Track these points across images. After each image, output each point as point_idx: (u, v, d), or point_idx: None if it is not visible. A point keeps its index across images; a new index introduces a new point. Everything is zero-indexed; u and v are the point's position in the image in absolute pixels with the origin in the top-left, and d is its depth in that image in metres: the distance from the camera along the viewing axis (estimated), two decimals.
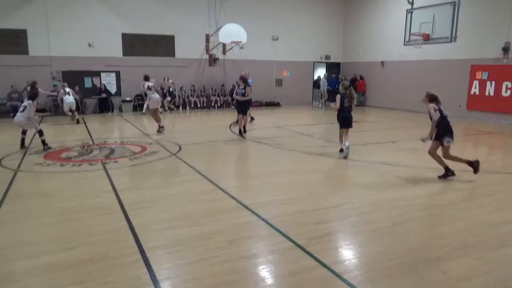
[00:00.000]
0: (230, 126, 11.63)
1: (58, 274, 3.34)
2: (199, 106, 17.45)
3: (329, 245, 3.96)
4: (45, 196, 5.62)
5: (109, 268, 3.44)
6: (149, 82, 11.19)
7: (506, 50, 12.96)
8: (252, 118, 12.33)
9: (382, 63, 18.05)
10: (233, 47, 15.92)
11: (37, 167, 7.09)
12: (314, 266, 3.47)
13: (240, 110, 10.28)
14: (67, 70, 15.26)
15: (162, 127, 10.88)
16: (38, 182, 6.40)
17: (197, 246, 3.85)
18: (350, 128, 7.94)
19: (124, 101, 16.32)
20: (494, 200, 5.37)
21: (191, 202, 5.19)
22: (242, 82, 10.37)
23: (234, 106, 11.38)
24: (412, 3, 14.94)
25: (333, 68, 20.85)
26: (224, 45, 16.71)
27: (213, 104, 17.72)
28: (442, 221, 4.62)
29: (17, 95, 13.88)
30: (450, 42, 13.89)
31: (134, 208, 4.90)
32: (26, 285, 3.23)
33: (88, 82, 15.82)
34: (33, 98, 8.75)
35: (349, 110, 7.83)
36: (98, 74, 15.93)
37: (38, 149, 8.48)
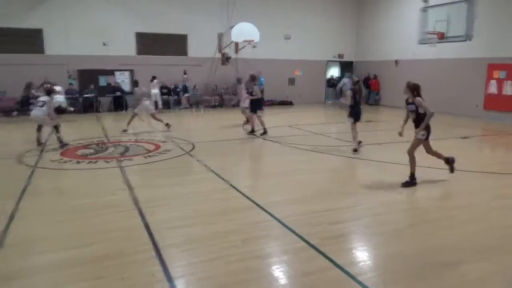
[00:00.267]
0: (243, 125, 11.65)
1: (76, 270, 3.41)
2: (212, 104, 17.52)
3: (343, 245, 3.95)
4: (62, 193, 5.73)
5: (124, 264, 3.49)
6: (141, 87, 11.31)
7: None
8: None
9: (396, 62, 17.84)
10: (245, 46, 15.93)
11: (54, 164, 7.23)
12: (327, 267, 3.46)
13: (250, 109, 10.36)
14: (82, 69, 15.49)
15: (167, 125, 11.01)
16: (55, 179, 6.52)
17: (211, 244, 3.88)
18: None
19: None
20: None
21: (205, 201, 5.22)
22: (249, 81, 10.44)
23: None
24: (426, 1, 14.73)
25: (346, 67, 20.70)
26: (236, 44, 16.72)
27: (225, 102, 17.78)
28: (459, 223, 4.55)
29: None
30: (466, 40, 13.65)
31: (148, 205, 4.96)
32: (44, 279, 3.31)
33: (102, 81, 16.02)
34: (48, 93, 8.80)
35: (361, 104, 8.23)
36: (112, 72, 16.12)
37: (55, 146, 8.63)
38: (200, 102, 17.38)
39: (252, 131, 10.37)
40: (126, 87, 16.37)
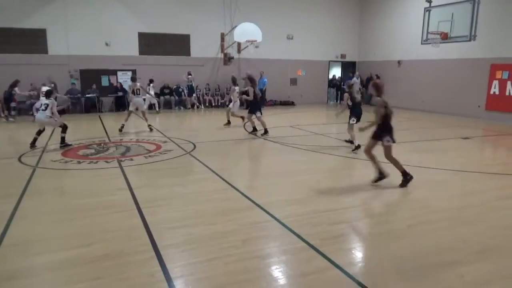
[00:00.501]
0: (244, 125, 11.66)
1: (75, 270, 3.41)
2: (214, 104, 17.54)
3: (342, 246, 3.94)
4: (62, 192, 5.74)
5: (124, 265, 3.49)
6: (136, 83, 11.27)
7: None
8: (241, 118, 11.92)
9: (399, 62, 17.79)
10: (248, 46, 15.94)
11: (55, 164, 7.25)
12: (327, 267, 3.45)
13: (248, 110, 10.43)
14: (85, 68, 15.54)
15: (150, 126, 11.19)
16: (56, 179, 6.53)
17: (210, 244, 3.88)
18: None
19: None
20: None
21: (205, 201, 5.22)
22: (246, 82, 10.50)
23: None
24: (430, 1, 14.66)
25: (349, 67, 20.67)
26: (239, 44, 16.74)
27: (227, 103, 17.76)
28: (459, 224, 4.53)
29: (36, 93, 14.17)
30: (469, 41, 13.58)
31: (148, 206, 4.96)
32: (44, 280, 3.32)
33: (105, 81, 16.07)
34: (47, 95, 8.65)
35: (361, 104, 8.70)
36: (114, 72, 16.17)
37: (56, 146, 8.65)
38: (202, 102, 17.37)
39: (253, 131, 10.38)
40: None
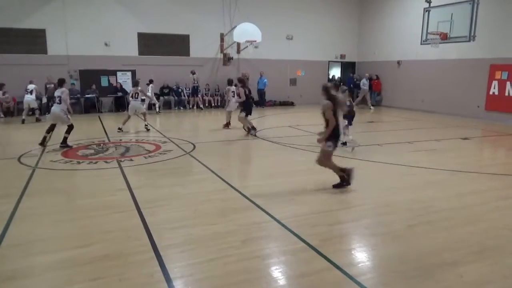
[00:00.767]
0: (243, 126, 11.64)
1: (75, 270, 3.41)
2: (213, 105, 17.53)
3: (342, 246, 3.94)
4: (62, 193, 5.73)
5: (123, 265, 3.49)
6: (138, 87, 11.37)
7: None
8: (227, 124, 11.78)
9: (398, 63, 17.80)
10: (247, 46, 15.94)
11: (54, 165, 7.24)
12: (326, 268, 3.45)
13: (240, 110, 10.48)
14: (84, 69, 15.53)
15: (146, 125, 11.27)
16: (56, 179, 6.52)
17: (210, 245, 3.88)
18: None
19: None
20: None
21: (205, 201, 5.22)
22: (237, 84, 10.53)
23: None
24: (429, 2, 14.67)
25: (348, 67, 20.67)
26: (238, 44, 16.74)
27: (227, 103, 17.76)
28: (459, 224, 4.53)
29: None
30: (469, 41, 13.58)
31: (148, 206, 4.96)
32: (44, 280, 3.31)
33: (104, 81, 16.06)
34: (60, 84, 8.57)
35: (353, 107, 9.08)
36: (114, 73, 16.16)
37: (56, 146, 8.64)
38: (201, 102, 17.36)
39: (252, 129, 10.40)
40: (128, 88, 16.40)
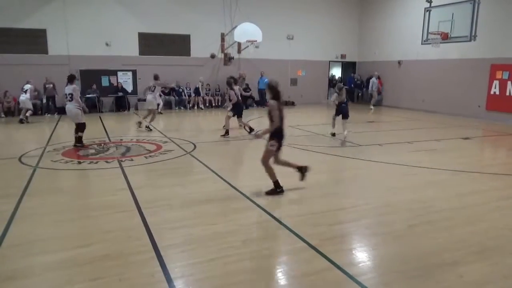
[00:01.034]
0: (244, 126, 11.65)
1: (75, 270, 3.41)
2: (214, 105, 17.54)
3: (342, 246, 3.93)
4: (62, 193, 5.74)
5: (124, 265, 3.49)
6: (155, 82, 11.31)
7: None
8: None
9: (399, 62, 17.78)
10: (248, 46, 15.94)
11: (55, 164, 7.25)
12: (327, 268, 3.45)
13: (234, 112, 10.45)
14: (85, 69, 15.54)
15: (145, 125, 11.22)
16: (56, 179, 6.53)
17: (210, 245, 3.88)
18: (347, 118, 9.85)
19: (140, 100, 16.51)
20: None
21: (205, 201, 5.22)
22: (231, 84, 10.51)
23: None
24: (430, 2, 14.66)
25: (348, 67, 20.67)
26: (239, 44, 16.74)
27: (227, 103, 17.79)
28: (459, 224, 4.53)
29: (36, 93, 14.19)
30: (470, 41, 13.58)
31: (149, 206, 4.96)
32: (44, 280, 3.31)
33: (105, 81, 16.08)
34: (70, 80, 8.55)
35: (347, 104, 9.92)
36: (115, 73, 16.17)
37: (56, 146, 8.65)
38: (202, 102, 17.38)
39: (251, 131, 10.40)
40: (129, 88, 16.44)
